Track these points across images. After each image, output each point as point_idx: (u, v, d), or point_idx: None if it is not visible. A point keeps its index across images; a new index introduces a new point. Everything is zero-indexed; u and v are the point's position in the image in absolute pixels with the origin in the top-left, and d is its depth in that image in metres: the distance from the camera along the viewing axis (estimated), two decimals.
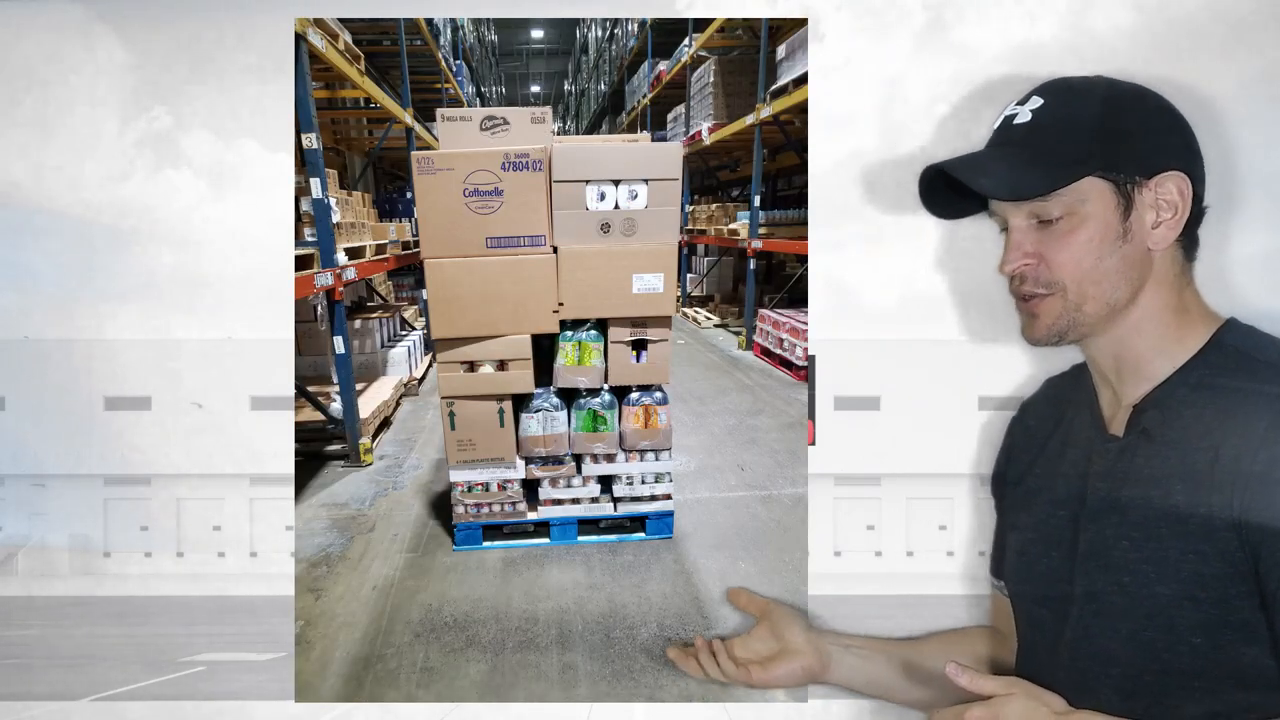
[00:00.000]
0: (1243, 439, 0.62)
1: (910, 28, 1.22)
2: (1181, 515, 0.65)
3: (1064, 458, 0.80)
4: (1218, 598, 0.63)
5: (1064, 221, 0.70)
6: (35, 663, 2.39)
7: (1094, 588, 0.72)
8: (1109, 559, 0.70)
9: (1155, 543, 0.67)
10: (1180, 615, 0.65)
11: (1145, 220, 0.69)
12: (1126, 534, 0.69)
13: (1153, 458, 0.69)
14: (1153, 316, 0.71)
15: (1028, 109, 0.71)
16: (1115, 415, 0.75)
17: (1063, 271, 0.70)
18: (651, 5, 7.85)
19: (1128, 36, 1.09)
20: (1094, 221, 0.69)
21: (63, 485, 2.82)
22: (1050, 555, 0.78)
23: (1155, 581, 0.66)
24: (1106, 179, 0.69)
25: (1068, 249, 0.70)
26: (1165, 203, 0.69)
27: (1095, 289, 0.70)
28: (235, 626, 2.63)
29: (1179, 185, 0.69)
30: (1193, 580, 0.64)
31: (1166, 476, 0.67)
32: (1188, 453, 0.66)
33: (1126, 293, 0.70)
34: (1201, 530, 0.63)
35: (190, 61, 2.28)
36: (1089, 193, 0.69)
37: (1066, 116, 0.70)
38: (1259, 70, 1.06)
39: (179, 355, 2.54)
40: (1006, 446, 0.91)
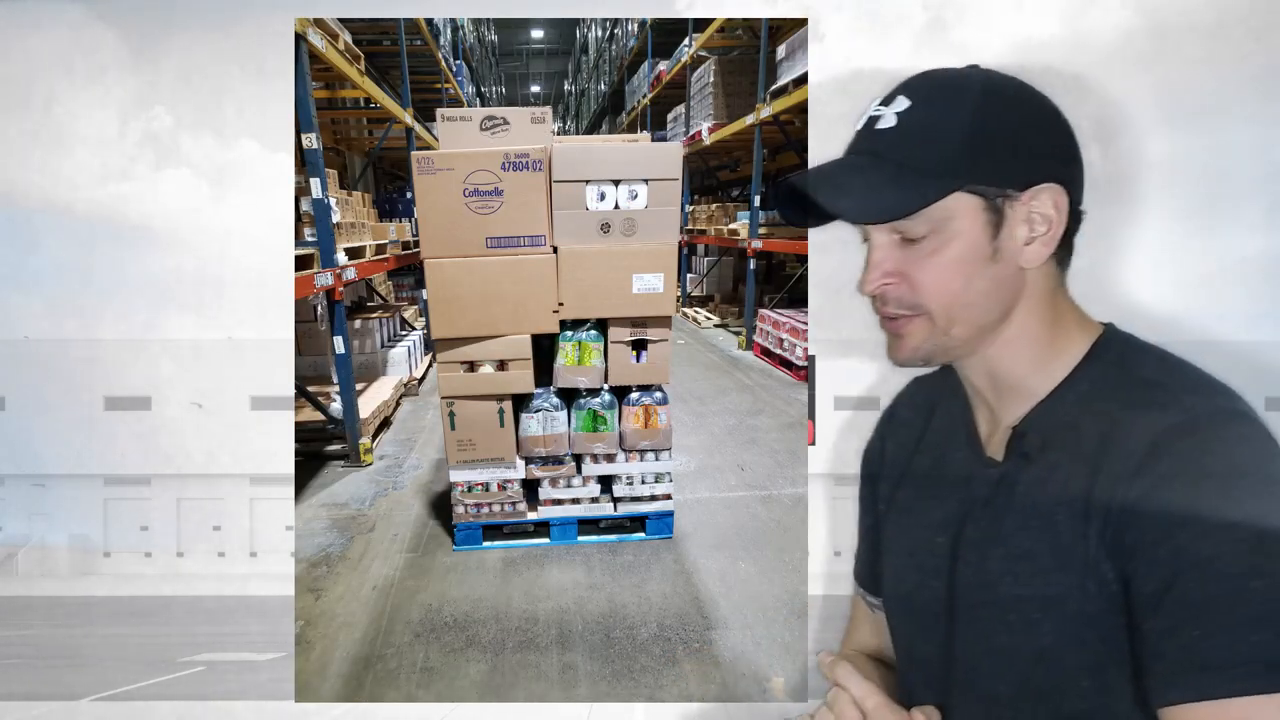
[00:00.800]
0: (1119, 464, 0.57)
1: (910, 28, 1.22)
2: (1064, 547, 0.60)
3: (940, 479, 0.74)
4: (1104, 635, 0.58)
5: (929, 241, 0.63)
6: (35, 663, 2.39)
7: (979, 626, 0.67)
8: (994, 595, 0.65)
9: (1039, 578, 0.62)
10: (1068, 656, 0.60)
11: (1017, 237, 0.63)
12: (1010, 569, 0.64)
13: (1033, 484, 0.64)
14: (1026, 334, 0.66)
15: (892, 111, 0.63)
16: (993, 436, 0.70)
17: (927, 294, 0.64)
18: (651, 5, 7.85)
19: (1127, 36, 1.09)
20: (961, 241, 0.62)
21: (63, 485, 2.82)
22: (930, 585, 0.72)
23: (1042, 620, 0.61)
24: (976, 194, 0.62)
25: (933, 270, 0.63)
26: (1039, 217, 0.62)
27: (964, 312, 0.64)
28: (235, 626, 2.63)
29: (1055, 199, 0.62)
30: (1079, 618, 0.59)
31: (1049, 505, 0.62)
32: (1068, 479, 0.61)
33: (997, 314, 0.65)
34: (1083, 564, 0.59)
35: (190, 61, 2.28)
36: (956, 210, 0.62)
37: (934, 123, 0.62)
38: (1259, 70, 1.06)
39: (179, 355, 2.54)
40: (878, 448, 0.85)
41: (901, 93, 0.64)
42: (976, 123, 0.61)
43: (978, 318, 0.64)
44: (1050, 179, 0.62)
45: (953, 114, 0.61)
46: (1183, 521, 0.53)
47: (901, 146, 0.62)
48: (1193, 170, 1.07)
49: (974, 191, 0.62)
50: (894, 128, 0.63)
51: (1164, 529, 0.54)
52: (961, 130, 0.61)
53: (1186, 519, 0.53)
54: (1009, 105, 0.62)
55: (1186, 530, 0.53)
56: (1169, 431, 0.56)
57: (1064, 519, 0.60)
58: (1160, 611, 0.53)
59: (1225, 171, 1.08)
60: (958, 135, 0.61)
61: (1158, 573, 0.54)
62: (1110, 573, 0.57)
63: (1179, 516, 0.53)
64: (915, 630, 0.76)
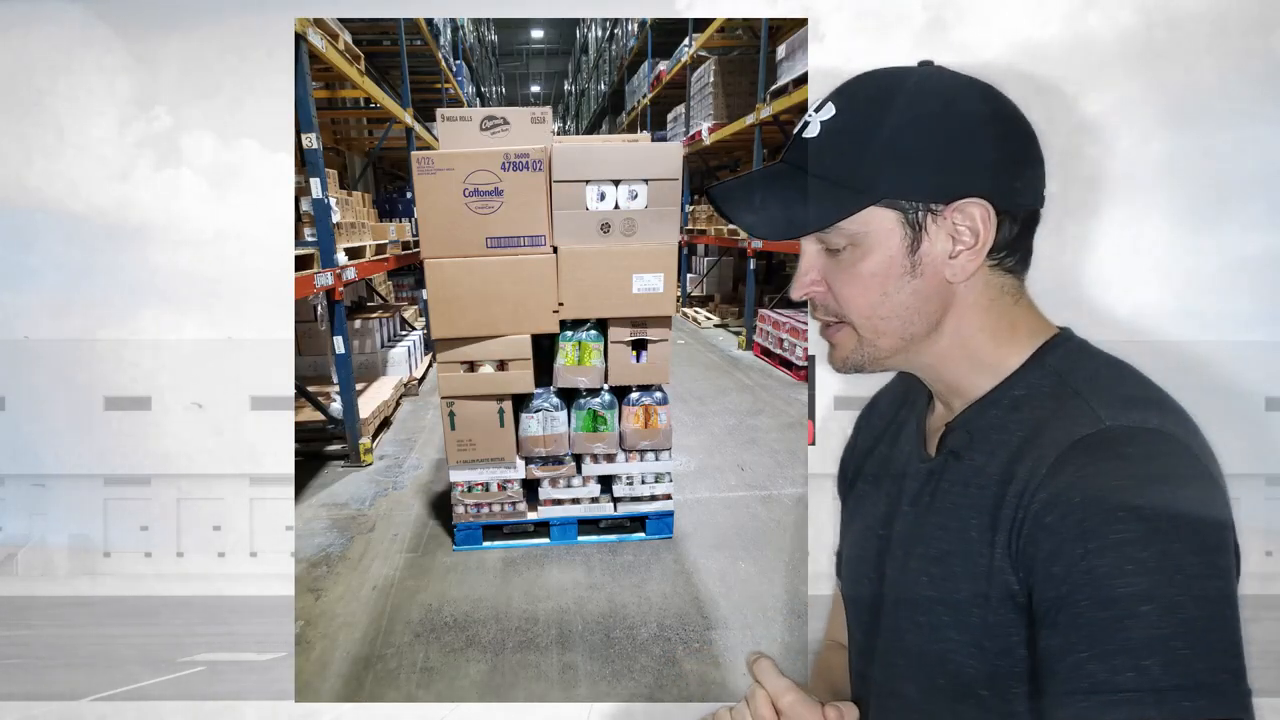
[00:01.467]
0: (1031, 474, 0.56)
1: (910, 28, 1.22)
2: (972, 553, 0.59)
3: (887, 471, 0.74)
4: (1003, 648, 0.57)
5: (847, 253, 0.62)
6: (35, 663, 2.39)
7: (897, 622, 0.66)
8: (911, 594, 0.64)
9: (950, 582, 0.60)
10: (969, 663, 0.59)
11: (939, 251, 0.60)
12: (926, 569, 0.63)
13: (955, 485, 0.63)
14: (963, 344, 0.64)
15: (818, 119, 0.62)
16: (936, 433, 0.69)
17: (848, 306, 0.63)
18: (651, 5, 7.86)
19: (1127, 36, 1.09)
20: (878, 254, 0.61)
21: (63, 485, 2.82)
22: (868, 578, 0.72)
23: (948, 625, 0.60)
24: (893, 208, 0.60)
25: (851, 283, 0.62)
26: (966, 229, 0.60)
27: (885, 324, 0.63)
28: (235, 626, 2.63)
29: (980, 212, 0.59)
30: (980, 627, 0.58)
31: (965, 508, 0.61)
32: (984, 484, 0.60)
33: (922, 327, 0.63)
34: (986, 572, 0.58)
35: (190, 61, 2.28)
36: (872, 223, 0.60)
37: (852, 134, 0.60)
38: (1259, 70, 1.06)
39: (179, 355, 2.54)
40: (852, 438, 0.84)
41: (831, 99, 0.62)
42: (897, 134, 0.59)
43: (902, 330, 0.63)
44: (977, 191, 0.59)
45: (873, 124, 0.59)
46: (1079, 536, 0.51)
47: (820, 158, 0.61)
48: (1193, 170, 1.07)
49: (891, 205, 0.60)
50: (816, 137, 0.61)
51: (1061, 544, 0.52)
52: (880, 143, 0.59)
53: (1083, 535, 0.51)
54: (936, 113, 0.59)
55: (1082, 546, 0.51)
56: (1076, 445, 0.55)
57: (975, 524, 0.59)
58: (1054, 628, 0.52)
59: (1225, 171, 1.08)
60: (876, 147, 0.59)
61: (1053, 588, 0.52)
62: (1015, 584, 0.56)
63: (1076, 532, 0.51)
64: (855, 624, 0.76)
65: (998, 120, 0.60)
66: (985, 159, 0.60)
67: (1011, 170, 0.61)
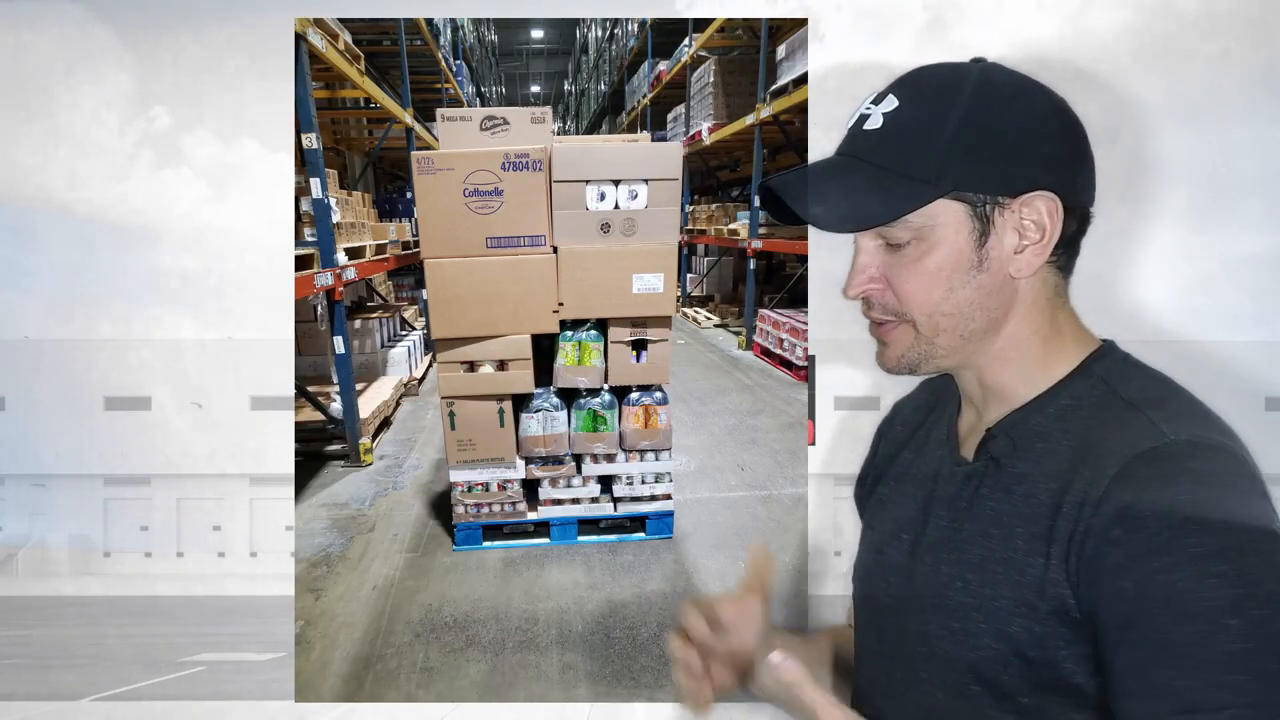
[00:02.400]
0: (1089, 486, 0.54)
1: (910, 28, 1.22)
2: (1018, 563, 0.57)
3: (915, 473, 0.72)
4: (1049, 659, 0.56)
5: (911, 247, 0.60)
6: (35, 663, 2.39)
7: (925, 627, 0.64)
8: (943, 599, 0.62)
9: (990, 589, 0.59)
10: (1008, 673, 0.58)
11: (1006, 245, 0.60)
12: (962, 574, 0.61)
13: (997, 490, 0.62)
14: (1018, 345, 0.63)
15: (880, 111, 0.61)
16: (970, 436, 0.68)
17: (910, 302, 0.62)
18: (651, 5, 7.86)
19: (1128, 36, 1.09)
20: (944, 248, 0.60)
21: (63, 485, 2.82)
22: (889, 579, 0.70)
23: (985, 633, 0.59)
24: (961, 201, 0.59)
25: (915, 278, 0.61)
26: (1031, 225, 0.59)
27: (947, 321, 0.61)
28: (235, 626, 2.64)
29: (1048, 206, 0.59)
30: (1023, 637, 0.57)
31: (1009, 515, 0.59)
32: (1032, 494, 0.58)
33: (984, 324, 0.62)
34: (1036, 583, 0.56)
35: (190, 61, 2.28)
36: (940, 216, 0.59)
37: (920, 126, 0.59)
38: (1260, 69, 1.06)
39: (179, 355, 2.54)
40: (873, 448, 0.84)
41: (893, 90, 0.61)
42: (965, 127, 0.58)
43: (962, 327, 0.62)
44: (1045, 185, 0.59)
45: (940, 116, 0.58)
46: (1152, 550, 0.50)
47: (885, 150, 0.60)
48: (1193, 170, 1.07)
49: (959, 198, 0.59)
50: (879, 129, 0.60)
51: (1131, 558, 0.51)
52: (948, 134, 0.58)
53: (1156, 549, 0.50)
54: (1003, 107, 0.59)
55: (1155, 561, 0.50)
56: (1140, 457, 0.54)
57: (1022, 533, 0.58)
58: (1129, 647, 0.51)
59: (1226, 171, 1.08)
60: (944, 139, 0.58)
61: (1125, 604, 0.51)
62: (1070, 598, 0.55)
63: (1148, 546, 0.50)
64: (868, 627, 0.75)
65: (1059, 116, 0.60)
66: (1052, 154, 0.60)
67: (1073, 166, 0.61)
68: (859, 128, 0.62)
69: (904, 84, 0.61)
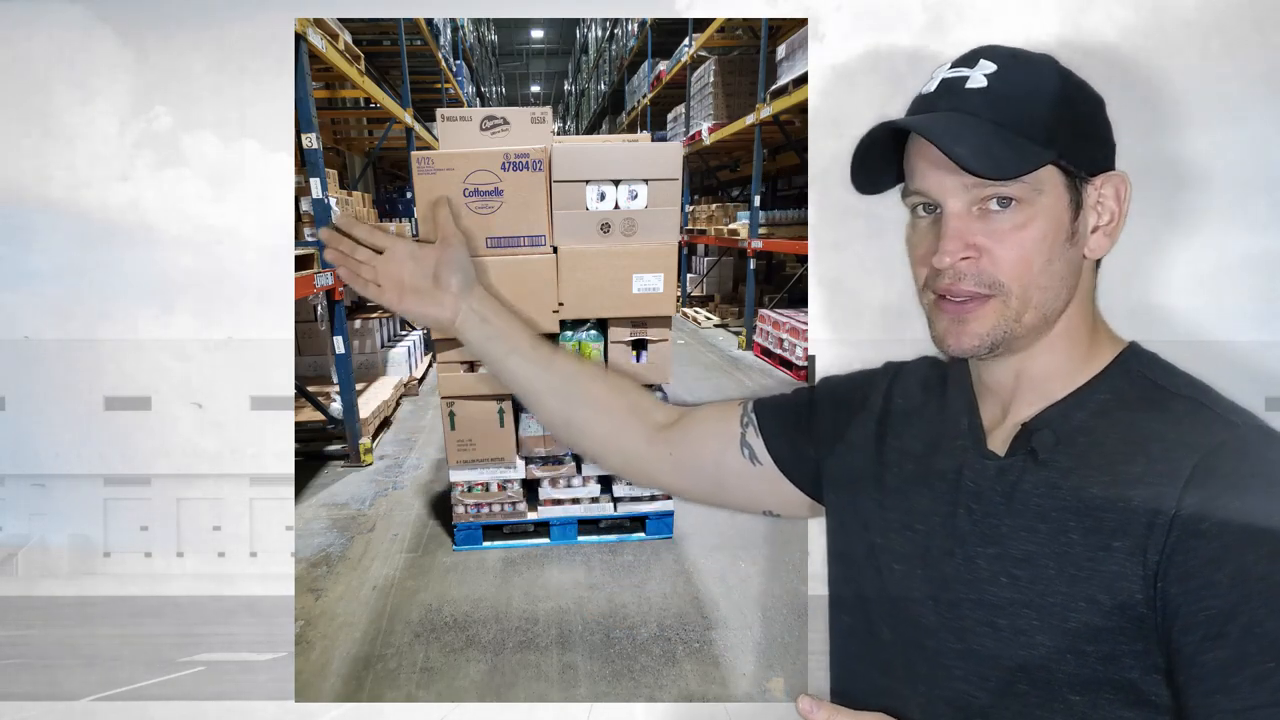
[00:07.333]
0: (1165, 480, 0.53)
1: (910, 28, 1.22)
2: (1075, 558, 0.56)
3: (929, 465, 0.69)
4: (1107, 654, 0.55)
5: (1014, 213, 0.59)
6: (35, 663, 2.39)
7: (960, 624, 0.62)
8: (981, 595, 0.60)
9: (1039, 585, 0.57)
10: (1061, 669, 0.56)
11: (1088, 223, 0.60)
12: (1006, 570, 0.60)
13: (1041, 486, 0.60)
14: (1070, 333, 0.63)
15: (980, 73, 0.59)
16: (996, 431, 0.66)
17: (1009, 271, 0.59)
18: (651, 5, 7.86)
19: (1129, 35, 1.09)
20: (1047, 216, 0.59)
21: (63, 485, 2.82)
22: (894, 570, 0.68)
23: (1038, 629, 0.57)
24: (1063, 169, 0.59)
25: (1018, 246, 0.59)
26: (1105, 206, 0.60)
27: (1039, 295, 0.60)
28: (235, 626, 2.63)
29: (1119, 188, 0.60)
30: (1081, 632, 0.55)
31: (1057, 511, 0.58)
32: (1085, 487, 0.57)
33: (1064, 303, 0.61)
34: (1100, 577, 0.55)
35: (190, 61, 2.28)
36: (1046, 182, 0.58)
37: (1028, 90, 0.59)
38: (1260, 69, 1.06)
39: (179, 355, 2.54)
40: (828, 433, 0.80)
41: (986, 56, 0.60)
42: (1063, 96, 0.58)
43: (1048, 303, 0.60)
44: (1112, 167, 0.61)
45: (1041, 83, 0.59)
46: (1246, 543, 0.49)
47: (998, 107, 0.58)
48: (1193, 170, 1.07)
49: (1062, 166, 0.59)
50: (985, 88, 0.59)
51: (1223, 550, 0.50)
52: (1051, 100, 0.58)
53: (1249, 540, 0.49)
54: (1081, 87, 0.60)
55: (1251, 552, 0.49)
56: (1219, 448, 0.53)
57: (1076, 528, 0.57)
58: (1226, 641, 0.49)
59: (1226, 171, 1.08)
60: (1048, 105, 0.58)
61: (1219, 598, 0.50)
62: (1139, 593, 0.53)
63: (1239, 537, 0.49)
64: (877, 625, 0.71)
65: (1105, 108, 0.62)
66: (1112, 140, 0.61)
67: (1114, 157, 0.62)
68: (958, 87, 0.60)
69: (994, 53, 0.61)
